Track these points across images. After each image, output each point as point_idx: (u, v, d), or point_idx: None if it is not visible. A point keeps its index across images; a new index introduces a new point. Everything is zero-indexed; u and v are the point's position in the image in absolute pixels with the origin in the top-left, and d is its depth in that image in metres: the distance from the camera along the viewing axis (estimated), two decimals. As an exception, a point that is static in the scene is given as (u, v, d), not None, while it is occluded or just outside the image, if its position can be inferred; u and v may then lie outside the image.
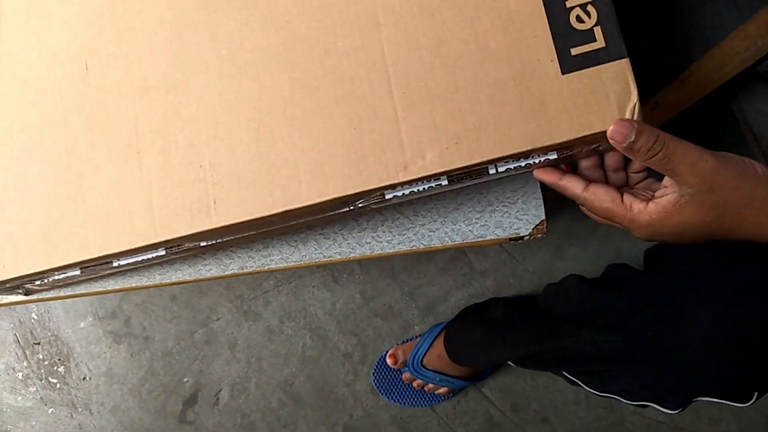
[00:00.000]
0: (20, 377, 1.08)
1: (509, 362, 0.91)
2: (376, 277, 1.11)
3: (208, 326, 1.09)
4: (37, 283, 0.58)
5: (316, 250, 0.66)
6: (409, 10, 0.49)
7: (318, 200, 0.48)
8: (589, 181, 0.50)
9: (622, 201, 0.47)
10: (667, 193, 0.45)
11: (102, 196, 0.52)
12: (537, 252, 1.10)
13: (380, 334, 1.10)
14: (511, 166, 0.49)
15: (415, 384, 1.05)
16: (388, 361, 1.05)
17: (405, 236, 0.66)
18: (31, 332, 1.09)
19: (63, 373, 1.08)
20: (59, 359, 1.09)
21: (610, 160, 0.50)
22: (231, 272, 0.67)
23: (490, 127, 0.46)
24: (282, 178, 0.48)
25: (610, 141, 0.44)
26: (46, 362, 1.09)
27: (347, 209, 0.52)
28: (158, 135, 0.51)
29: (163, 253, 0.54)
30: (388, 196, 0.50)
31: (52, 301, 1.09)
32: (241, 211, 0.49)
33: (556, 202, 0.66)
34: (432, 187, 0.50)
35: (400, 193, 0.50)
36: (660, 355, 0.55)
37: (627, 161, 0.51)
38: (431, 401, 1.06)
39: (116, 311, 1.09)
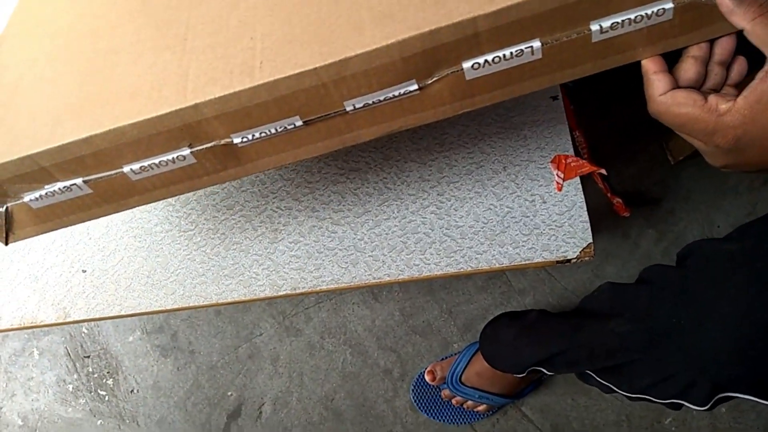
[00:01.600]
0: (71, 389, 1.12)
1: (543, 370, 0.91)
2: (415, 294, 1.13)
3: (251, 341, 1.12)
4: (36, 195, 0.46)
5: (366, 271, 0.68)
6: None
7: (382, 43, 0.39)
8: (677, 85, 0.45)
9: (706, 102, 0.42)
10: (759, 80, 0.40)
11: (133, 77, 0.45)
12: (576, 271, 1.10)
13: (419, 351, 1.11)
14: (618, 20, 0.40)
15: (454, 401, 1.06)
16: (427, 377, 1.06)
17: (452, 258, 0.67)
18: (82, 346, 1.13)
19: (111, 385, 1.12)
20: (108, 372, 1.12)
21: (720, 48, 0.45)
22: (284, 293, 0.69)
23: None
24: (342, 31, 0.41)
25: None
26: (96, 375, 1.12)
27: (415, 89, 0.43)
28: (210, 24, 0.46)
29: (186, 152, 0.44)
30: (465, 65, 0.42)
31: (101, 316, 1.13)
32: (289, 65, 0.41)
33: (594, 220, 0.67)
34: (521, 51, 0.41)
35: (481, 60, 0.41)
36: (680, 344, 0.56)
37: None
38: (471, 419, 1.07)
39: (163, 326, 1.13)
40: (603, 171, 0.66)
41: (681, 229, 1.09)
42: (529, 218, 0.67)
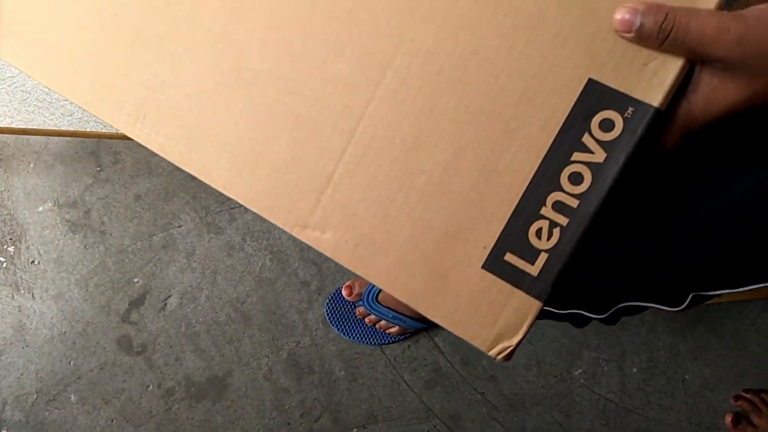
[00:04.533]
0: (-32, 251, 1.05)
1: None
2: (347, 211, 1.09)
3: (168, 231, 1.07)
4: None
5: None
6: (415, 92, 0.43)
7: (224, 192, 0.45)
8: None
9: None
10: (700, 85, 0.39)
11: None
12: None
13: (341, 268, 1.07)
14: None
15: (367, 320, 1.02)
16: (344, 291, 1.02)
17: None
18: (-13, 208, 1.06)
19: (12, 253, 1.05)
20: (11, 239, 1.06)
21: None
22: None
23: (390, 257, 0.43)
24: (207, 148, 0.46)
25: (620, 34, 0.38)
26: (-3, 240, 1.06)
27: None
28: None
29: None
30: None
31: (14, 182, 1.06)
32: (157, 144, 0.47)
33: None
34: None
35: None
36: None
37: None
38: (381, 340, 1.03)
39: (77, 201, 1.07)
40: None
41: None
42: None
